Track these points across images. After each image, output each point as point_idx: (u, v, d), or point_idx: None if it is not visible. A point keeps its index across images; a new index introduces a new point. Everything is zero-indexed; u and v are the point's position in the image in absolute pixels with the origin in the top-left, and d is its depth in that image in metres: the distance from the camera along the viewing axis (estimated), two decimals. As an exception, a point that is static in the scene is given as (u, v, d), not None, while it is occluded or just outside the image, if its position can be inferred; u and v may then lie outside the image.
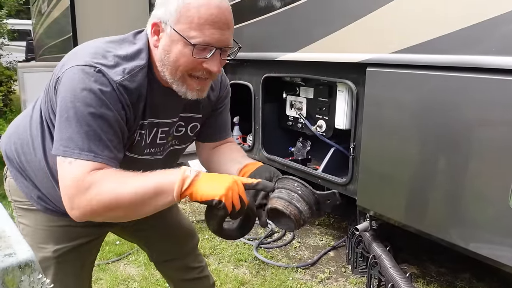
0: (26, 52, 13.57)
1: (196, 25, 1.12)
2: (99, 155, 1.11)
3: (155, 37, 1.20)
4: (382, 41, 2.22)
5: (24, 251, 0.62)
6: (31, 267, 0.60)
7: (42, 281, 0.63)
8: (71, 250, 1.43)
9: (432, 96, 2.02)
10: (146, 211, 1.13)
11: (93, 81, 1.11)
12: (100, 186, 1.07)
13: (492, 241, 1.88)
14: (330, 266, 2.89)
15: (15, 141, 1.40)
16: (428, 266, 2.86)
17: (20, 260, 0.59)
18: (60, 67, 1.20)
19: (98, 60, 1.15)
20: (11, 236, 0.66)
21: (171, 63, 1.18)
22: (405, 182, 2.25)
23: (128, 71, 1.16)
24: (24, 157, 1.37)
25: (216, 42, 1.15)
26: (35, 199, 1.39)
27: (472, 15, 1.81)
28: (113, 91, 1.13)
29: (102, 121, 1.12)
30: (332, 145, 2.91)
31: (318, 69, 2.73)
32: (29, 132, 1.35)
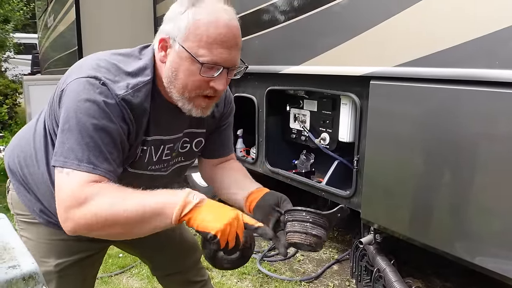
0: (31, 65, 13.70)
1: (205, 43, 1.12)
2: (98, 167, 1.10)
3: (163, 53, 1.20)
4: (386, 55, 2.23)
5: (28, 263, 0.62)
6: (35, 279, 0.60)
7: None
8: (73, 264, 1.43)
9: (436, 109, 2.02)
10: (143, 231, 1.11)
11: (97, 92, 1.11)
12: (97, 200, 1.05)
13: (499, 255, 1.86)
14: (334, 280, 2.87)
15: (18, 153, 1.40)
16: (434, 280, 2.83)
17: (24, 272, 0.59)
18: (64, 79, 1.21)
19: (102, 73, 1.15)
20: (15, 248, 0.67)
21: (179, 80, 1.18)
22: (409, 195, 2.24)
23: (132, 86, 1.17)
24: (27, 169, 1.37)
25: (224, 62, 1.16)
26: (37, 212, 1.39)
27: (476, 29, 1.81)
28: (116, 105, 1.13)
29: (104, 133, 1.12)
30: (336, 158, 2.91)
31: (321, 82, 2.74)
32: (32, 144, 1.35)
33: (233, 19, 1.17)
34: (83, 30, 4.83)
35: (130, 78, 1.18)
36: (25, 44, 13.92)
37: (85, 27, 4.78)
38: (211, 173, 1.56)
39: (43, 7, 8.22)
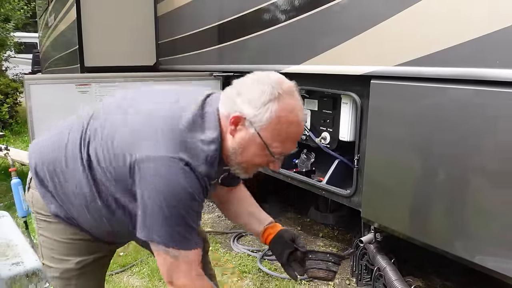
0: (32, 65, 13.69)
1: (282, 139, 1.23)
2: (197, 243, 1.28)
3: (233, 127, 1.25)
4: (386, 54, 2.23)
5: (31, 260, 0.62)
6: (38, 276, 0.61)
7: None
8: (92, 263, 1.49)
9: (436, 108, 2.02)
10: None
11: (184, 178, 1.19)
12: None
13: (498, 254, 1.86)
14: (335, 278, 2.87)
15: (48, 165, 1.40)
16: (434, 279, 2.83)
17: (27, 269, 0.60)
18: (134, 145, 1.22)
19: (183, 152, 1.20)
20: (19, 245, 0.67)
21: (243, 156, 1.28)
22: (409, 194, 2.24)
23: (209, 160, 1.23)
24: (59, 186, 1.39)
25: (289, 152, 1.28)
26: (61, 217, 1.41)
27: (477, 28, 1.82)
28: (199, 184, 1.22)
29: (194, 213, 1.25)
30: (336, 157, 2.91)
31: (322, 81, 2.74)
32: (64, 165, 1.37)
33: (304, 117, 1.33)
34: (84, 29, 4.82)
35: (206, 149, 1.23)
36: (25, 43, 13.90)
37: (86, 26, 4.78)
38: (223, 198, 1.71)
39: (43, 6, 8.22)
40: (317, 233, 3.58)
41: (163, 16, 4.73)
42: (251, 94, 1.22)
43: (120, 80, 3.41)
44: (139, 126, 1.27)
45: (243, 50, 3.36)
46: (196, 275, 1.31)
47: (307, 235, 3.56)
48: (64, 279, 1.44)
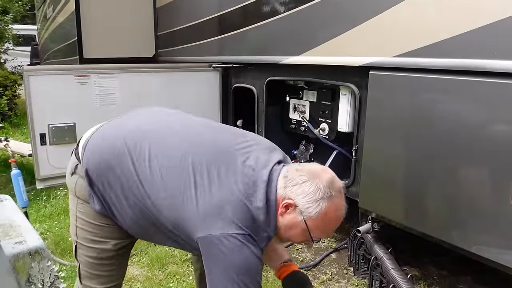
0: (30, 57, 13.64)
1: (324, 229, 1.39)
2: None
3: (284, 210, 1.37)
4: (385, 45, 2.24)
5: (34, 239, 0.64)
6: (41, 254, 0.62)
7: (51, 268, 0.65)
8: (126, 246, 1.62)
9: (435, 99, 2.04)
10: None
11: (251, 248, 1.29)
12: None
13: (494, 243, 1.88)
14: (332, 268, 2.90)
15: (105, 177, 1.45)
16: (430, 268, 2.86)
17: (30, 247, 0.61)
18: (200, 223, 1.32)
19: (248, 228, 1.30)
20: (21, 225, 0.69)
21: (287, 235, 1.41)
22: (406, 184, 2.26)
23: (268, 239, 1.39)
24: (113, 193, 1.45)
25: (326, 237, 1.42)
26: (105, 214, 1.50)
27: (475, 19, 1.83)
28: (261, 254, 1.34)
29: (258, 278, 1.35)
30: (335, 148, 2.93)
31: (321, 72, 2.75)
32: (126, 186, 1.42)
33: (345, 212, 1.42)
34: (83, 21, 4.81)
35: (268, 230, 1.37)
36: (24, 36, 13.85)
37: (85, 18, 4.77)
38: None
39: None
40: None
41: (162, 8, 4.72)
42: (307, 188, 1.35)
43: (119, 72, 3.41)
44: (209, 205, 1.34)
45: (242, 42, 3.37)
46: None
47: (305, 226, 3.59)
48: (100, 258, 1.56)
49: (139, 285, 2.65)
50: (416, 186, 2.21)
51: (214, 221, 1.30)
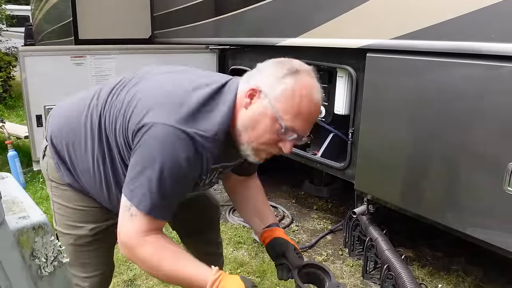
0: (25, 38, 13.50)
1: (295, 113, 1.20)
2: (166, 216, 1.25)
3: (248, 100, 1.24)
4: (383, 27, 2.23)
5: (37, 214, 0.65)
6: (44, 229, 0.63)
7: (55, 243, 0.66)
8: (105, 229, 1.53)
9: (432, 82, 2.04)
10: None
11: (185, 151, 1.17)
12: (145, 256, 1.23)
13: (487, 225, 1.91)
14: (328, 249, 2.94)
15: (66, 135, 1.43)
16: (424, 249, 2.91)
17: (33, 222, 0.62)
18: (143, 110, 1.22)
19: (191, 126, 1.18)
20: (24, 202, 0.69)
21: (254, 132, 1.24)
22: (402, 166, 2.28)
23: (218, 138, 1.22)
24: (74, 155, 1.42)
25: (301, 132, 1.23)
26: (75, 186, 1.46)
27: (472, 2, 1.82)
28: (200, 160, 1.21)
29: (183, 189, 1.25)
30: (331, 130, 2.94)
31: (318, 54, 2.74)
32: (83, 133, 1.39)
33: (320, 96, 1.25)
34: (78, 1, 4.76)
35: (215, 128, 1.21)
36: (17, 16, 13.68)
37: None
38: (234, 188, 1.70)
39: (36, -22, 8.07)
40: (311, 205, 3.64)
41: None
42: (271, 70, 1.25)
43: (115, 53, 3.39)
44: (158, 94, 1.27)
45: (239, 23, 3.35)
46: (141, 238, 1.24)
47: (301, 207, 3.62)
48: (78, 245, 1.51)
49: (137, 266, 2.67)
50: (411, 169, 2.23)
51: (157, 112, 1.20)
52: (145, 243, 1.22)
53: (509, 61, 1.73)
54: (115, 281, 2.50)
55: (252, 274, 2.60)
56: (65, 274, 0.68)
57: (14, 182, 0.79)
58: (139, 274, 2.58)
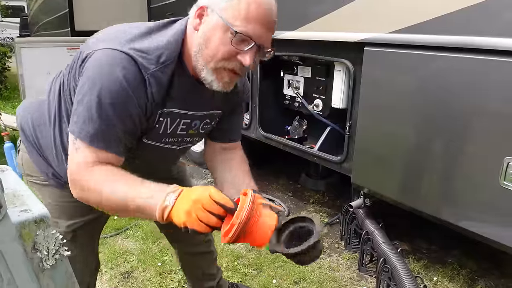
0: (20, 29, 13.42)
1: (243, 17, 1.12)
2: (112, 147, 1.16)
3: (197, 20, 1.19)
4: (380, 21, 2.24)
5: (38, 208, 0.65)
6: (46, 222, 0.64)
7: (56, 236, 0.67)
8: (83, 225, 1.48)
9: (429, 76, 2.05)
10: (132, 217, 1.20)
11: (124, 69, 1.11)
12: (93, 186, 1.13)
13: (483, 218, 1.93)
14: (324, 242, 2.96)
15: (32, 114, 1.40)
16: (419, 243, 2.93)
17: (35, 215, 0.63)
18: (90, 45, 1.19)
19: (132, 46, 1.14)
20: (24, 195, 0.70)
21: (208, 49, 1.17)
22: (399, 160, 2.30)
23: (162, 61, 1.16)
24: (39, 131, 1.38)
25: (257, 38, 1.15)
26: (49, 175, 1.41)
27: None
28: (142, 82, 1.14)
29: (124, 113, 1.14)
30: (329, 124, 2.95)
31: (316, 48, 2.74)
32: (46, 106, 1.35)
33: (273, 4, 1.20)
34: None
35: (161, 50, 1.17)
36: (13, 7, 13.58)
37: (76, -11, 4.70)
38: (213, 159, 1.55)
39: (31, -32, 8.00)
40: (308, 199, 3.66)
41: (155, -20, 4.64)
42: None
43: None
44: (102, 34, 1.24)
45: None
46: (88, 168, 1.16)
47: (298, 201, 3.64)
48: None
49: (134, 258, 2.69)
50: (408, 163, 2.25)
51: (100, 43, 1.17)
52: (92, 173, 1.13)
53: (507, 55, 1.74)
54: (112, 273, 2.51)
55: (249, 267, 2.62)
56: (67, 267, 0.68)
57: (14, 175, 0.80)
58: (136, 266, 2.59)
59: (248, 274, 2.54)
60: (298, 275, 2.53)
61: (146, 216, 1.11)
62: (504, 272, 2.61)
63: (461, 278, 2.53)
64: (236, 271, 2.56)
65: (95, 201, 1.16)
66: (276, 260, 2.68)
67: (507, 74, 1.75)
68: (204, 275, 1.96)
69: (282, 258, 2.70)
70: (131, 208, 1.11)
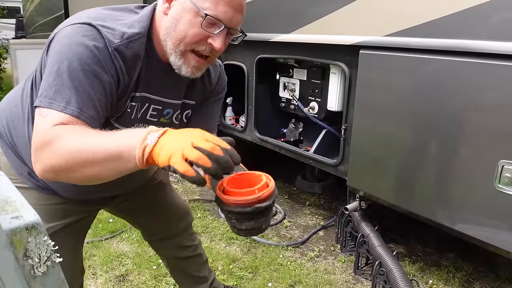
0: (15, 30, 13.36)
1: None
2: (84, 112, 1.06)
3: (166, 4, 1.18)
4: (376, 24, 2.24)
5: (30, 214, 0.65)
6: (37, 229, 0.63)
7: (48, 243, 0.66)
8: (63, 228, 1.44)
9: (424, 79, 2.05)
10: (108, 174, 1.01)
11: (90, 38, 1.09)
12: (61, 141, 0.99)
13: (478, 221, 1.93)
14: (320, 245, 2.96)
15: (7, 115, 1.37)
16: (415, 245, 2.93)
17: (27, 222, 0.62)
18: (56, 29, 1.18)
19: (97, 21, 1.13)
20: (16, 201, 0.69)
21: (177, 31, 1.15)
22: (394, 163, 2.30)
23: (127, 37, 1.15)
24: (14, 131, 1.35)
25: (227, 21, 1.15)
26: (25, 176, 1.37)
27: (465, 0, 1.83)
28: (108, 54, 1.11)
29: (95, 79, 1.09)
30: (324, 126, 2.95)
31: (311, 50, 2.75)
32: (20, 106, 1.32)
33: None
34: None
35: (125, 27, 1.16)
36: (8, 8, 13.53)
37: (72, -10, 4.67)
38: None
39: (27, -31, 7.98)
40: (303, 201, 3.66)
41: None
42: None
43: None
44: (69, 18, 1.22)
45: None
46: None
47: (294, 203, 3.63)
48: None
49: (129, 261, 2.68)
50: (403, 166, 2.25)
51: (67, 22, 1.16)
52: (61, 130, 1.01)
53: (501, 59, 1.75)
54: (107, 277, 2.50)
55: (245, 270, 2.61)
56: (58, 274, 0.68)
57: (7, 180, 0.79)
58: (131, 270, 2.58)
59: (243, 277, 2.54)
60: (293, 278, 2.53)
61: (123, 163, 0.95)
62: (499, 275, 2.62)
63: (457, 281, 2.54)
64: (231, 274, 2.56)
65: (61, 163, 0.99)
66: (271, 263, 2.67)
67: (501, 77, 1.75)
68: (194, 277, 1.95)
69: (278, 261, 2.70)
70: (105, 157, 0.96)
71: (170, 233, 1.83)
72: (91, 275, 2.53)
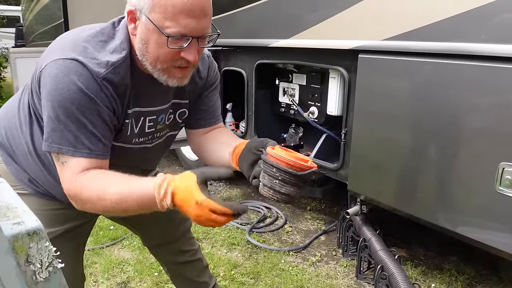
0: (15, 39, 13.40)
1: (171, 14, 1.08)
2: (93, 150, 1.16)
3: (132, 25, 1.17)
4: (374, 28, 2.25)
5: (32, 220, 0.65)
6: (39, 235, 0.63)
7: (49, 249, 0.66)
8: (64, 233, 1.44)
9: (424, 83, 2.06)
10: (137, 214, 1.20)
11: (79, 77, 1.11)
12: (87, 193, 1.14)
13: (479, 224, 1.93)
14: (321, 250, 2.95)
15: (5, 124, 1.39)
16: (417, 249, 2.92)
17: (28, 228, 0.62)
18: (43, 58, 1.19)
19: (79, 53, 1.14)
20: (18, 207, 0.69)
21: (150, 53, 1.16)
22: (395, 167, 2.30)
23: (112, 64, 1.15)
24: (12, 140, 1.37)
25: (192, 32, 1.12)
26: (26, 182, 1.39)
27: (463, 3, 1.84)
28: (98, 86, 1.13)
29: (93, 116, 1.14)
30: (324, 131, 2.95)
31: (311, 55, 2.76)
32: (17, 116, 1.35)
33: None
34: (69, 2, 4.73)
35: (108, 55, 1.17)
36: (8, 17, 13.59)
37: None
38: (199, 143, 1.52)
39: (26, -22, 8.01)
40: (304, 206, 3.65)
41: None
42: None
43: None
44: (52, 44, 1.23)
45: (232, 24, 3.35)
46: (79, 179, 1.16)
47: (295, 208, 3.63)
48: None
49: (130, 268, 2.67)
50: (404, 169, 2.25)
51: (49, 55, 1.16)
52: (83, 181, 1.14)
53: (500, 61, 1.75)
54: (108, 284, 2.50)
55: (246, 275, 2.60)
56: (60, 280, 0.68)
57: (9, 187, 0.79)
58: (132, 277, 2.57)
59: (245, 283, 2.53)
60: (295, 284, 2.52)
61: (150, 208, 1.15)
62: (502, 278, 2.61)
63: (459, 284, 2.53)
64: (233, 280, 2.55)
65: (95, 209, 1.19)
66: (273, 269, 2.67)
67: (501, 79, 1.76)
68: (194, 283, 1.95)
69: (279, 266, 2.69)
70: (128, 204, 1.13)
71: (169, 239, 1.82)
72: (92, 282, 2.52)
